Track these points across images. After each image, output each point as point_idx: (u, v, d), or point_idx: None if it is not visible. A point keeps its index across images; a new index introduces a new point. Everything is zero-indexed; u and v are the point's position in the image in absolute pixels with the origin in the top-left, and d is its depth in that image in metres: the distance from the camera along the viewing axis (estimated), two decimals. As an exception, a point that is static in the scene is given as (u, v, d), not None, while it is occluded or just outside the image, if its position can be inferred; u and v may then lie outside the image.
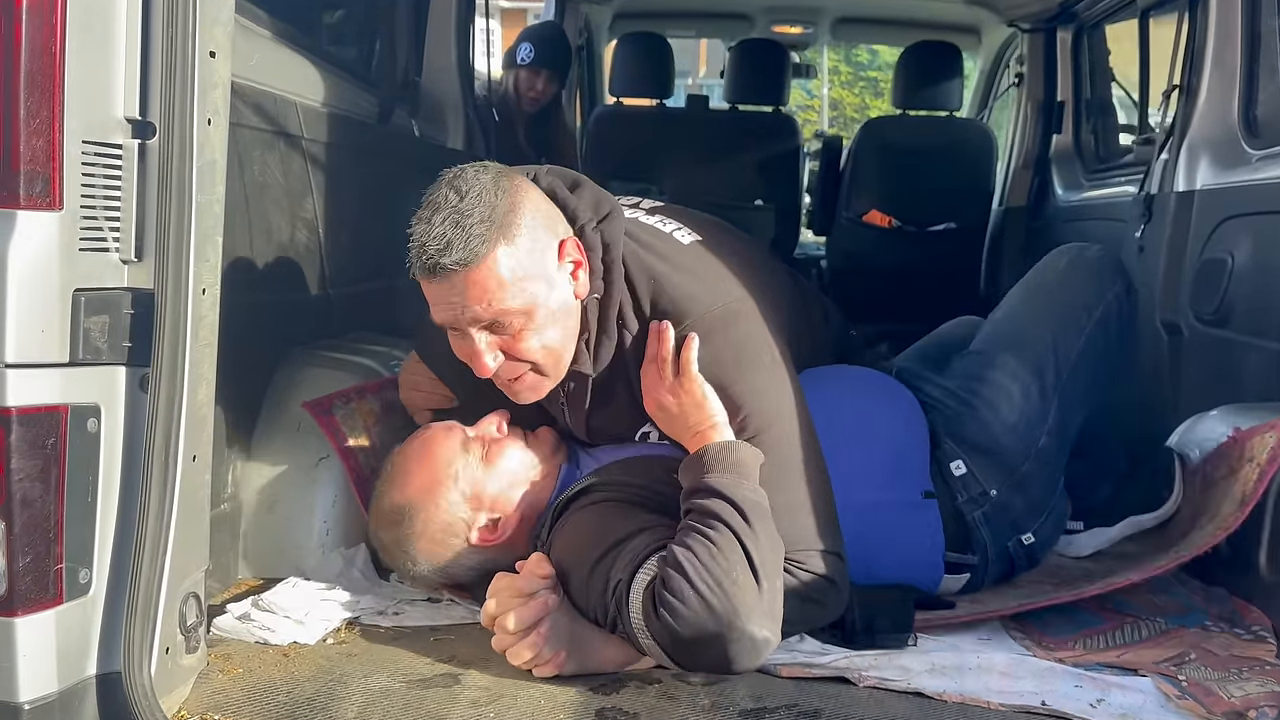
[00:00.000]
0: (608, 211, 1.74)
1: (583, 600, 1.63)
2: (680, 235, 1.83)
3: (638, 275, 1.73)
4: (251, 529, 1.95)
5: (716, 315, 1.71)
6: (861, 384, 2.02)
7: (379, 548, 1.86)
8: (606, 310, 1.72)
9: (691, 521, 1.57)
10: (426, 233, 1.57)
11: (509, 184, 1.63)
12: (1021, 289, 2.14)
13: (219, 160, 1.50)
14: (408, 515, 1.78)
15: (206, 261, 1.48)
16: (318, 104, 2.27)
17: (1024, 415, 1.95)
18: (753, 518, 1.55)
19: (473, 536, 1.80)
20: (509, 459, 1.84)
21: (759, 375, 1.71)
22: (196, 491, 1.51)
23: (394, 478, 1.82)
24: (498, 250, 1.58)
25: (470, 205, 1.58)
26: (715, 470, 1.60)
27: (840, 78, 16.81)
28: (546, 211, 1.67)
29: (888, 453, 1.90)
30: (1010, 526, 1.94)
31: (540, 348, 1.66)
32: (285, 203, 2.09)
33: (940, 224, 4.43)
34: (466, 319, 1.62)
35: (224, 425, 1.88)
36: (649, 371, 1.72)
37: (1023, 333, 2.03)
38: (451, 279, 1.59)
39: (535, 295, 1.62)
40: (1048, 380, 1.96)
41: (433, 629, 1.77)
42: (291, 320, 2.14)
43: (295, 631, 1.71)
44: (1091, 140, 4.11)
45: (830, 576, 1.66)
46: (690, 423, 1.68)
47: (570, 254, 1.67)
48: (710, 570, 1.50)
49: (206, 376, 1.51)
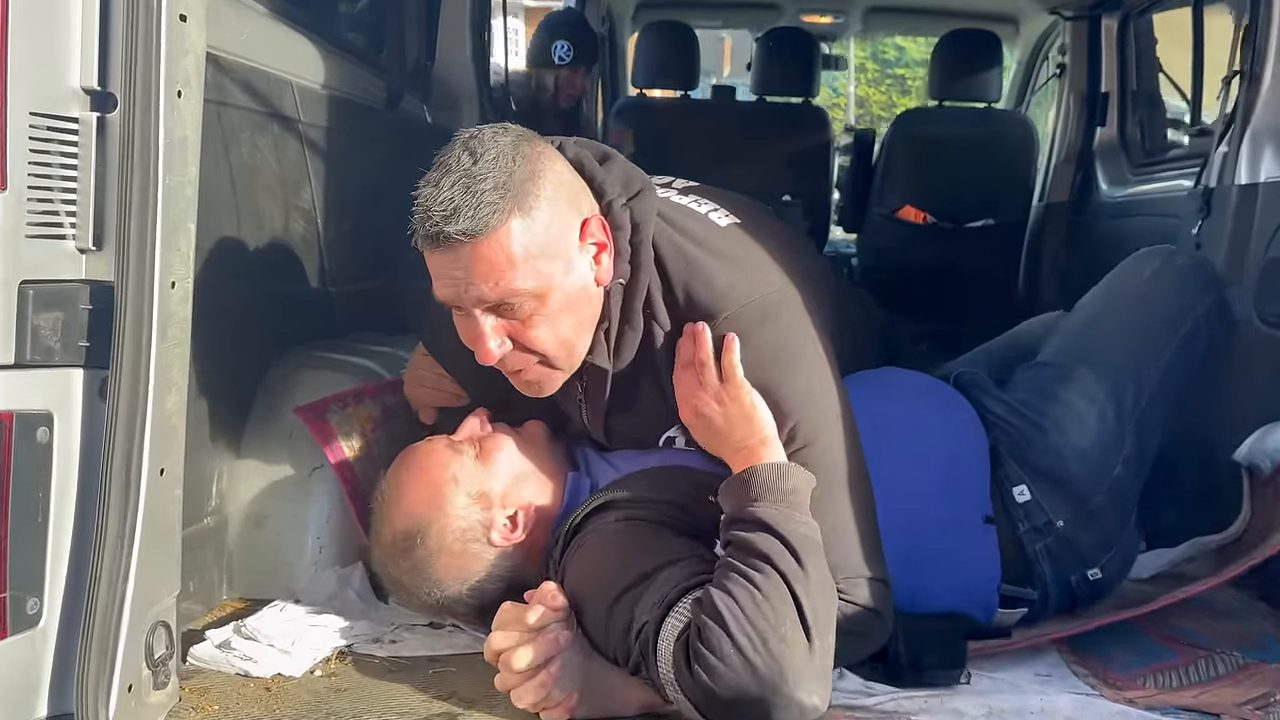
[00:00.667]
0: (639, 188, 1.56)
1: (600, 637, 1.45)
2: (717, 217, 1.64)
3: (670, 259, 1.55)
4: (238, 546, 1.79)
5: (757, 307, 1.52)
6: (914, 389, 1.82)
7: (393, 586, 1.67)
8: (632, 298, 1.54)
9: (734, 559, 1.38)
10: (433, 196, 1.40)
11: (530, 149, 1.45)
12: (1100, 296, 1.94)
13: (191, 137, 1.33)
14: (419, 535, 1.60)
15: (177, 250, 1.32)
16: (317, 85, 2.10)
17: (1098, 442, 1.75)
18: (806, 559, 1.36)
19: (494, 537, 1.61)
20: (505, 453, 1.67)
21: (806, 376, 1.53)
22: (165, 509, 1.35)
23: (390, 503, 1.64)
24: (511, 223, 1.40)
25: (484, 169, 1.40)
26: (765, 499, 1.41)
27: (867, 75, 16.60)
28: (570, 184, 1.49)
29: (942, 465, 1.72)
30: (1076, 561, 1.75)
31: (551, 337, 1.49)
32: (279, 190, 1.93)
33: (978, 220, 4.25)
34: (471, 298, 1.44)
35: (209, 433, 1.73)
36: (685, 377, 1.53)
37: (1100, 348, 1.83)
38: (456, 251, 1.41)
39: (550, 277, 1.45)
40: (1126, 404, 1.77)
41: (432, 660, 1.61)
42: (285, 318, 1.97)
43: (280, 662, 1.55)
44: (1138, 133, 3.94)
45: (876, 607, 1.49)
46: (736, 437, 1.49)
47: (594, 234, 1.49)
48: (755, 623, 1.31)
49: (177, 381, 1.34)
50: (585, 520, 1.58)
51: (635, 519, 1.53)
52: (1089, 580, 1.77)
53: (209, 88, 1.67)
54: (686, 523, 1.54)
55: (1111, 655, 1.70)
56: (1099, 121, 4.10)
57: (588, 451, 1.76)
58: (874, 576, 1.49)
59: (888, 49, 16.78)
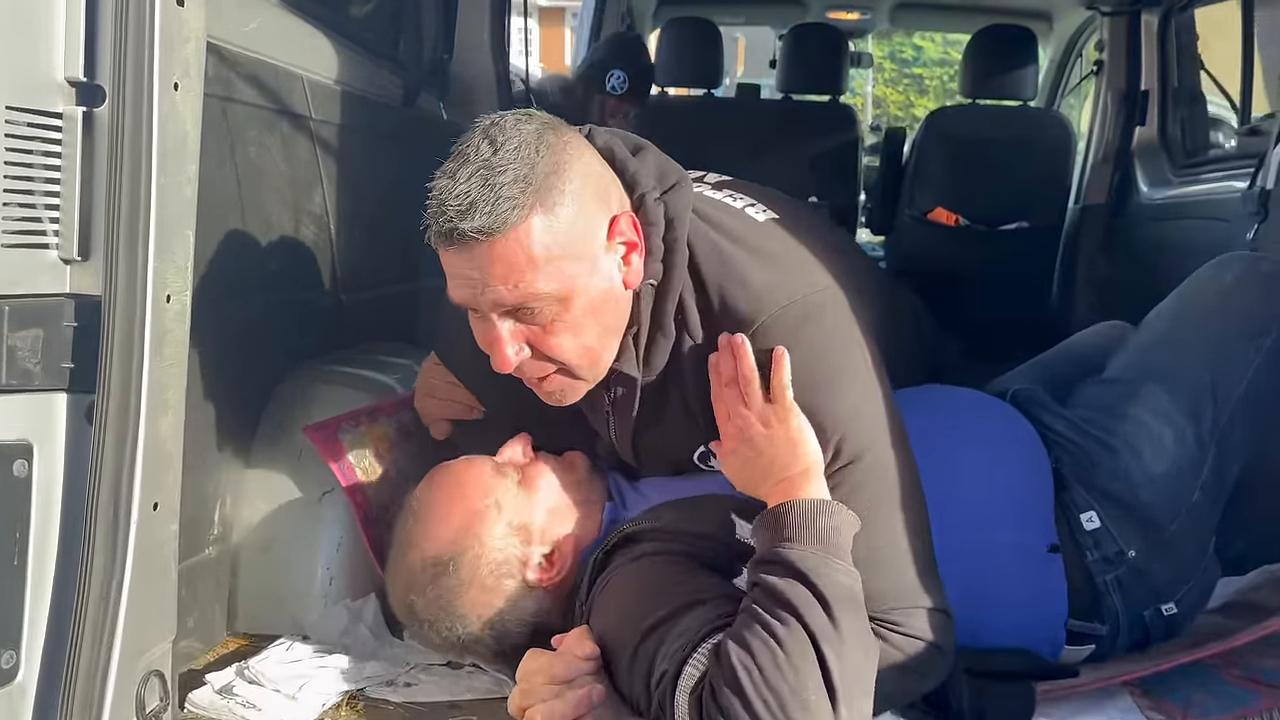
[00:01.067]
0: (674, 181, 1.43)
1: (625, 684, 1.32)
2: (754, 212, 1.50)
3: (705, 258, 1.40)
4: (242, 577, 1.65)
5: (798, 308, 1.38)
6: (969, 407, 1.68)
7: (409, 618, 1.51)
8: (664, 301, 1.40)
9: (758, 606, 1.23)
10: (448, 189, 1.26)
11: (556, 139, 1.32)
12: (1174, 306, 1.79)
13: (190, 134, 1.20)
14: (451, 564, 1.45)
15: (173, 260, 1.19)
16: (330, 81, 1.97)
17: (1175, 465, 1.60)
18: (840, 614, 1.21)
19: (530, 575, 1.48)
20: (547, 484, 1.54)
21: (853, 386, 1.38)
22: (160, 547, 1.22)
23: (421, 524, 1.49)
24: (532, 219, 1.27)
25: (505, 160, 1.26)
26: (800, 539, 1.27)
27: (884, 75, 16.46)
28: (599, 177, 1.36)
29: (1004, 490, 1.57)
30: (1149, 595, 1.60)
31: (574, 345, 1.35)
32: (288, 192, 1.80)
33: (1012, 223, 4.07)
34: (487, 300, 1.31)
35: (211, 455, 1.60)
36: (726, 395, 1.38)
37: (1176, 362, 1.68)
38: (472, 249, 1.27)
39: (573, 280, 1.31)
40: (1204, 424, 1.61)
41: (451, 706, 1.48)
42: (295, 329, 1.84)
43: (285, 710, 1.42)
44: (1180, 132, 3.79)
45: (935, 641, 1.34)
46: (777, 465, 1.34)
47: (624, 232, 1.35)
48: (772, 685, 1.16)
49: (172, 404, 1.21)
50: (611, 554, 1.44)
51: (663, 554, 1.40)
52: (1163, 615, 1.63)
53: (212, 81, 1.55)
54: (719, 556, 1.40)
55: (1190, 699, 1.56)
56: (1138, 120, 3.95)
57: (620, 480, 1.62)
58: (933, 606, 1.36)
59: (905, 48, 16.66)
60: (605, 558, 1.44)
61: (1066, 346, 2.10)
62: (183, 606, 1.53)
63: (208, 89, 1.54)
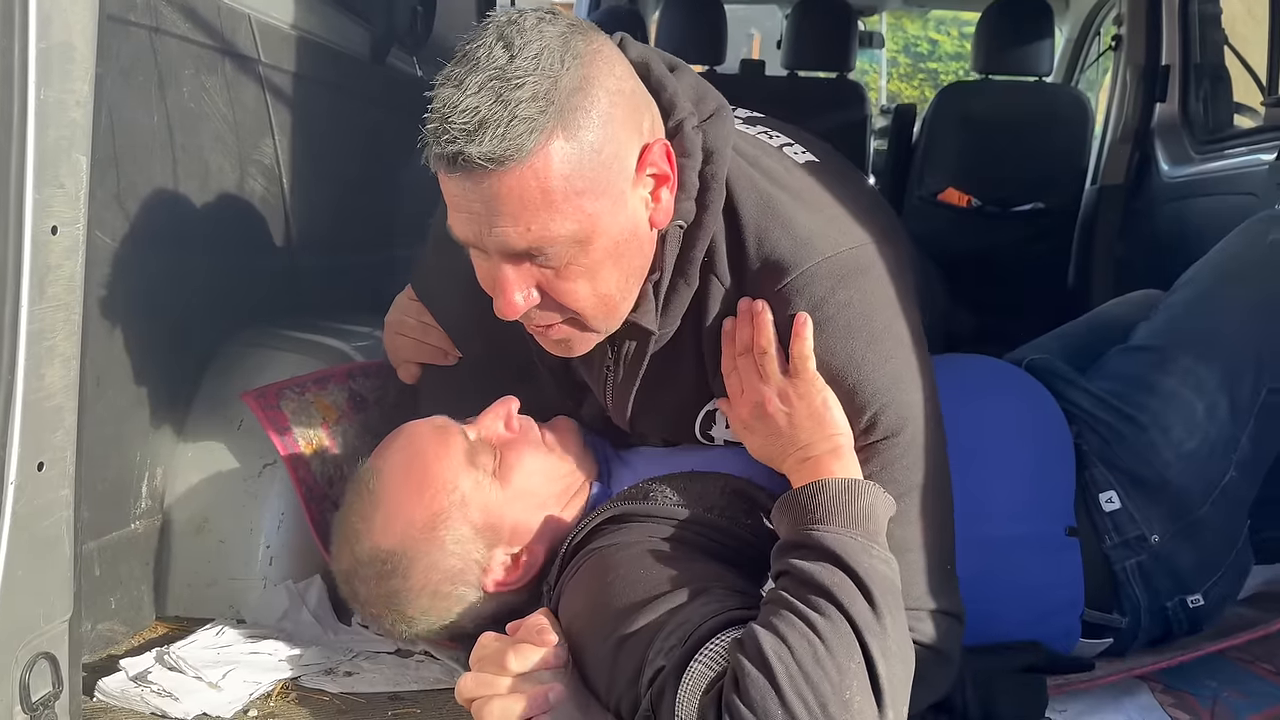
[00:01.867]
0: (714, 108, 1.22)
1: (601, 681, 1.16)
2: (792, 152, 1.32)
3: (744, 198, 1.22)
4: (174, 555, 1.52)
5: (844, 260, 1.20)
6: (991, 380, 1.52)
7: (354, 601, 1.36)
8: (692, 245, 1.21)
9: (787, 593, 1.07)
10: (453, 101, 1.04)
11: (585, 45, 1.09)
12: (1208, 268, 1.63)
13: (79, 46, 1.06)
14: (401, 565, 1.29)
15: (60, 188, 1.05)
16: (283, 24, 1.83)
17: (1207, 441, 1.45)
18: (883, 606, 1.06)
19: (488, 582, 1.32)
20: (528, 471, 1.35)
21: (896, 351, 1.21)
22: (49, 512, 1.08)
23: (375, 512, 1.31)
24: (551, 146, 1.06)
25: (523, 69, 1.04)
26: (832, 520, 1.11)
27: (899, 69, 16.28)
28: (632, 94, 1.14)
29: (1028, 474, 1.42)
30: (1173, 585, 1.45)
31: (590, 293, 1.15)
32: (231, 140, 1.66)
33: (1026, 204, 3.92)
34: (494, 241, 1.11)
35: (139, 421, 1.47)
36: (741, 365, 1.23)
37: (1210, 328, 1.52)
38: (479, 179, 1.07)
39: (595, 218, 1.11)
40: (1242, 395, 1.46)
41: (393, 697, 1.33)
42: (239, 291, 1.70)
43: (207, 699, 1.28)
44: (1202, 108, 3.62)
45: (940, 647, 1.19)
46: (800, 441, 1.19)
47: (655, 163, 1.14)
48: (812, 680, 1.00)
49: (62, 351, 1.07)
50: (589, 536, 1.28)
51: (653, 536, 1.24)
52: (1188, 608, 1.47)
53: (138, 10, 1.42)
54: (717, 544, 1.25)
55: (1218, 696, 1.42)
56: (1159, 97, 3.79)
57: (606, 447, 1.45)
58: (944, 610, 1.21)
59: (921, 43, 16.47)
60: (583, 539, 1.28)
61: (1091, 316, 1.94)
62: (103, 585, 1.41)
63: (132, 17, 1.41)
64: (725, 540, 1.25)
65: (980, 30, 4.14)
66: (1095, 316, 1.90)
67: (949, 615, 1.21)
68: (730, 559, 1.23)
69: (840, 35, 4.21)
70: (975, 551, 1.27)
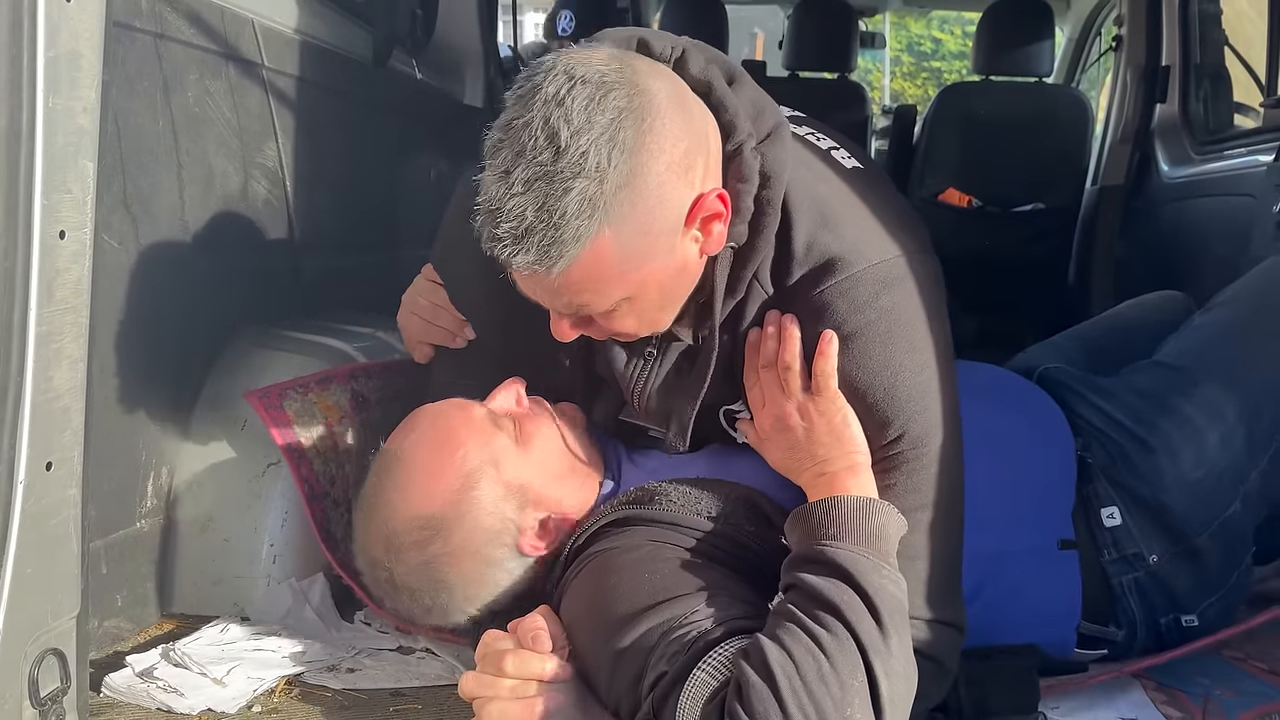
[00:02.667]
0: (772, 126, 1.18)
1: (601, 684, 1.16)
2: (840, 156, 1.30)
3: (799, 205, 1.19)
4: (180, 553, 1.54)
5: (888, 269, 1.20)
6: (994, 391, 1.50)
7: (382, 586, 1.32)
8: (743, 265, 1.20)
9: (795, 607, 1.09)
10: (500, 199, 1.04)
11: (635, 130, 1.04)
12: (1251, 295, 1.60)
13: (86, 54, 1.08)
14: (442, 528, 1.27)
15: (67, 194, 1.07)
16: (286, 28, 1.85)
17: (1214, 473, 1.44)
18: (891, 627, 1.07)
19: (525, 544, 1.31)
20: (544, 440, 1.35)
21: (929, 364, 1.21)
22: (57, 511, 1.10)
23: (408, 481, 1.29)
24: (599, 244, 1.06)
25: (569, 172, 1.02)
26: (845, 537, 1.12)
27: (903, 68, 16.27)
28: (685, 155, 1.09)
29: (1032, 491, 1.42)
30: (1169, 603, 1.45)
31: (637, 325, 1.18)
32: (235, 144, 1.68)
33: (1027, 204, 3.94)
34: (556, 306, 1.15)
35: (144, 422, 1.49)
36: (764, 378, 1.23)
37: (1243, 358, 1.50)
38: (528, 275, 1.09)
39: (643, 280, 1.12)
40: (1260, 430, 1.44)
41: (395, 694, 1.35)
42: (243, 293, 1.72)
43: (212, 695, 1.30)
44: (1202, 109, 3.63)
45: (938, 657, 1.20)
46: (818, 456, 1.19)
47: (710, 207, 1.12)
48: (815, 695, 1.02)
49: (69, 353, 1.10)
50: (594, 537, 1.29)
51: (657, 541, 1.24)
52: (1182, 626, 1.47)
53: (143, 16, 1.44)
54: (721, 551, 1.25)
55: (1210, 694, 1.42)
56: (1159, 97, 3.79)
57: (618, 447, 1.44)
58: (946, 620, 1.22)
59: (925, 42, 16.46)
60: (588, 540, 1.29)
61: (1110, 317, 1.93)
62: (110, 583, 1.43)
63: (138, 24, 1.44)
64: (729, 548, 1.25)
65: (981, 31, 4.15)
66: (1114, 318, 1.89)
67: (950, 626, 1.22)
68: (734, 566, 1.23)
69: (841, 36, 4.23)
70: (971, 562, 1.27)
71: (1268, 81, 3.28)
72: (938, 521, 1.21)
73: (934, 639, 1.19)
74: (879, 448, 1.20)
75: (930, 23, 15.21)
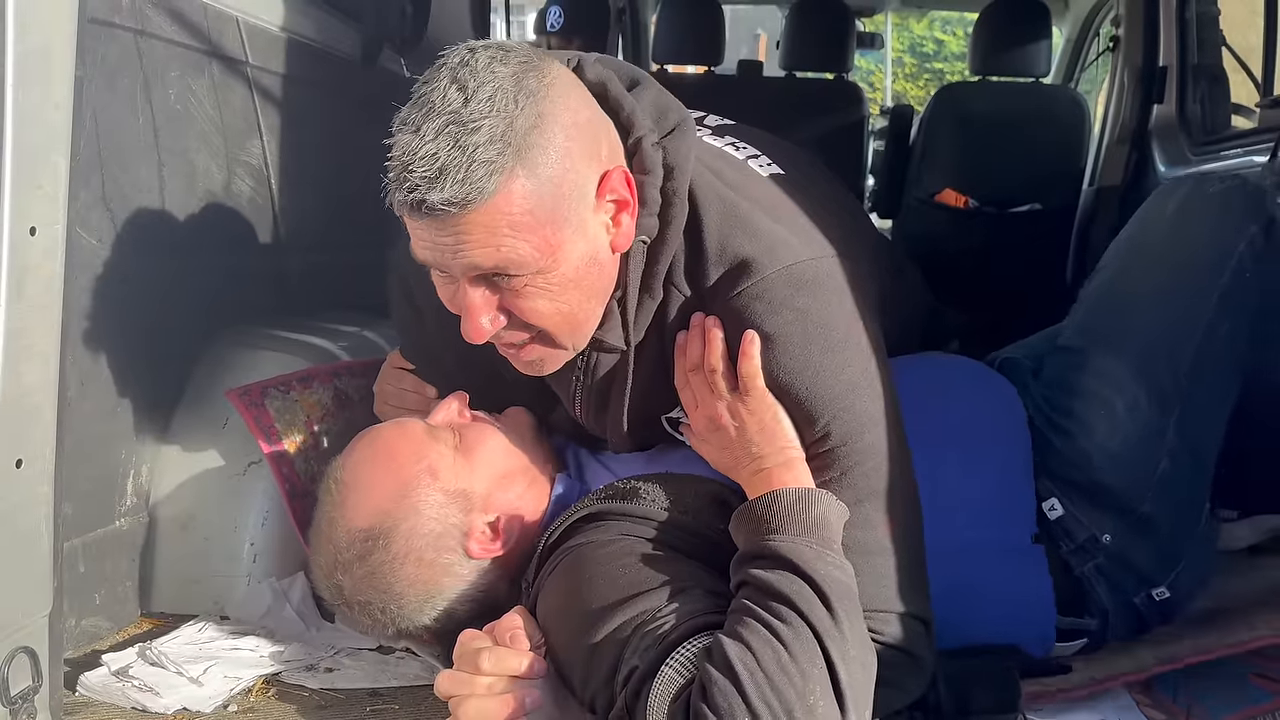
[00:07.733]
0: (675, 123, 1.25)
1: (577, 679, 1.17)
2: (756, 165, 1.34)
3: (708, 208, 1.24)
4: (159, 552, 1.53)
5: (802, 271, 1.22)
6: (963, 381, 1.52)
7: (336, 597, 1.35)
8: (655, 261, 1.24)
9: (749, 601, 1.10)
10: (412, 148, 1.07)
11: (538, 82, 1.11)
12: (1118, 252, 1.57)
13: (57, 49, 1.08)
14: (381, 538, 1.30)
15: (38, 189, 1.07)
16: (272, 26, 1.85)
17: (1130, 438, 1.42)
18: (840, 610, 1.08)
19: (472, 546, 1.33)
20: (488, 446, 1.38)
21: (852, 362, 1.23)
22: (27, 509, 1.10)
23: (347, 494, 1.33)
24: (513, 184, 1.09)
25: (478, 113, 1.07)
26: (787, 529, 1.14)
27: (905, 69, 16.27)
28: (588, 123, 1.17)
29: (997, 478, 1.42)
30: (1136, 580, 1.44)
31: (552, 311, 1.18)
32: (219, 142, 1.68)
33: (1023, 205, 3.91)
34: (460, 265, 1.14)
35: (124, 420, 1.48)
36: (693, 381, 1.26)
37: (1119, 320, 1.48)
38: (443, 220, 1.10)
39: (555, 245, 1.14)
40: (1160, 383, 1.42)
41: (373, 694, 1.35)
42: (226, 291, 1.72)
43: (188, 694, 1.29)
44: (1199, 110, 3.61)
45: (911, 650, 1.21)
46: (752, 453, 1.22)
47: (615, 190, 1.17)
48: (776, 686, 1.02)
49: (40, 349, 1.09)
50: (567, 533, 1.29)
51: (629, 535, 1.25)
52: (1155, 600, 1.47)
53: (122, 12, 1.43)
54: (694, 546, 1.26)
55: (1194, 694, 1.41)
56: (1156, 98, 3.78)
57: (579, 450, 1.48)
58: (912, 613, 1.22)
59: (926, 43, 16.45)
60: (561, 537, 1.30)
61: None
62: (88, 582, 1.43)
63: (117, 20, 1.43)
64: (698, 542, 1.26)
65: (978, 31, 4.13)
66: None
67: (917, 619, 1.22)
68: (704, 559, 1.24)
69: (838, 36, 4.21)
70: (945, 558, 1.28)
71: (1264, 81, 3.27)
72: (888, 515, 1.22)
73: (902, 632, 1.20)
74: (810, 444, 1.23)
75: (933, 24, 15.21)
